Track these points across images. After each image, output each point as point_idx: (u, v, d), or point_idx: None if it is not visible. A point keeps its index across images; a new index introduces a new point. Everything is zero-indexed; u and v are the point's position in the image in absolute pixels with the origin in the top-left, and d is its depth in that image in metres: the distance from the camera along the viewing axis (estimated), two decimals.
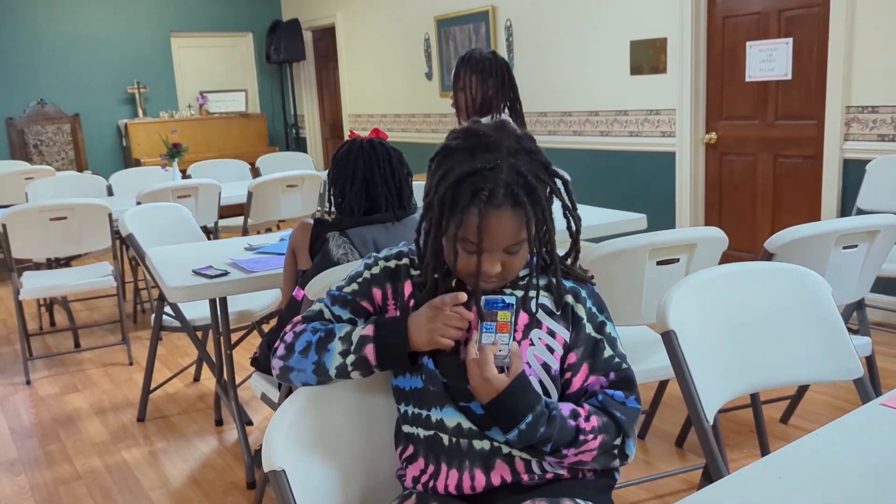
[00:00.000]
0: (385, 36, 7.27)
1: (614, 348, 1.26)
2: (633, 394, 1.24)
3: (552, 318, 1.24)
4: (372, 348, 1.20)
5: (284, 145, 8.97)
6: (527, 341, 1.22)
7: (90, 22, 7.80)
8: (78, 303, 5.05)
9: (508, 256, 1.19)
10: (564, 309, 1.25)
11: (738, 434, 2.79)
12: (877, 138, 3.75)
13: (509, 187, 1.14)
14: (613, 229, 2.94)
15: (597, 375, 1.24)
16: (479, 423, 1.21)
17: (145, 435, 3.07)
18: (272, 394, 2.23)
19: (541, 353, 1.22)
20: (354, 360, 1.21)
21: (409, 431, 1.26)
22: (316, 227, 2.05)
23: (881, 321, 3.86)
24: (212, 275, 2.37)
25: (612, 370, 1.24)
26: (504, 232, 1.16)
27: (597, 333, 1.25)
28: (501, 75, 2.86)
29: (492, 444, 1.20)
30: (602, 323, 1.26)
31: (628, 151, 5.03)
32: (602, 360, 1.24)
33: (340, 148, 2.05)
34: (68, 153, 7.75)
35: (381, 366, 1.22)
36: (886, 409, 1.20)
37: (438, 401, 1.22)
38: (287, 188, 4.56)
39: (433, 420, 1.22)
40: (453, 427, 1.21)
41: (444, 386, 1.22)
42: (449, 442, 1.22)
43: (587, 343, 1.24)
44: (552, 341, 1.23)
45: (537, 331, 1.23)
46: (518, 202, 1.15)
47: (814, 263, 2.04)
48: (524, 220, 1.16)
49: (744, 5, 4.29)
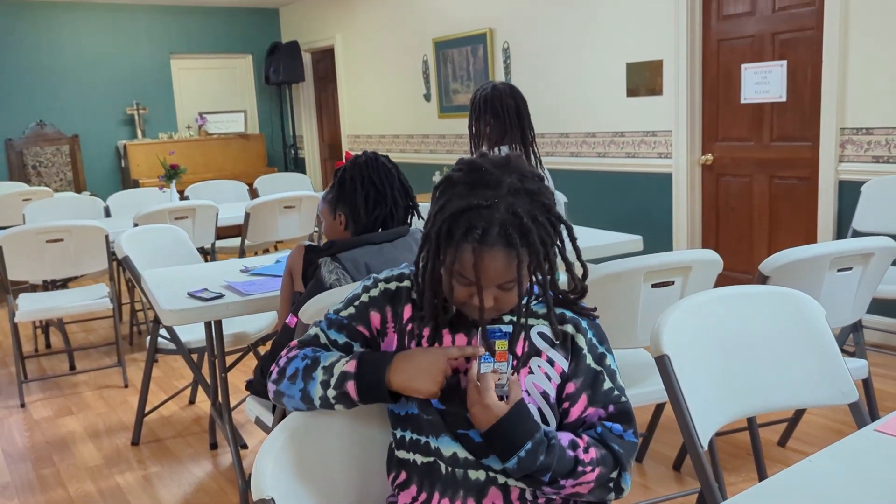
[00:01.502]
0: (383, 58, 7.32)
1: (614, 381, 1.26)
2: (632, 427, 1.24)
3: (553, 347, 1.24)
4: (353, 385, 1.20)
5: (283, 166, 9.00)
6: (525, 369, 1.22)
7: (90, 43, 7.86)
8: (74, 324, 5.04)
9: (502, 292, 1.19)
10: (564, 338, 1.24)
11: (736, 457, 2.77)
12: (871, 160, 3.76)
13: (503, 227, 1.13)
14: (610, 251, 2.95)
15: (596, 407, 1.23)
16: (476, 451, 1.20)
17: (139, 459, 3.05)
18: (266, 417, 2.22)
19: (540, 381, 1.22)
20: (336, 395, 1.21)
21: (403, 457, 1.25)
22: (308, 254, 2.04)
23: (879, 343, 3.85)
24: (206, 297, 2.37)
25: (612, 403, 1.24)
26: (496, 270, 1.15)
27: (597, 365, 1.25)
28: (517, 112, 2.86)
29: (487, 473, 1.19)
30: (602, 354, 1.26)
31: (625, 172, 5.05)
32: (602, 392, 1.24)
33: (341, 167, 2.07)
34: (67, 174, 7.77)
35: (365, 401, 1.22)
36: (880, 435, 1.19)
37: (434, 429, 1.21)
38: (284, 209, 4.56)
39: (432, 447, 1.22)
40: (450, 456, 1.20)
41: (441, 414, 1.21)
42: (446, 470, 1.21)
43: (587, 374, 1.24)
44: (550, 370, 1.23)
45: (536, 359, 1.23)
46: (511, 243, 1.14)
47: (809, 286, 2.04)
48: (516, 261, 1.15)
49: (738, 28, 4.32)
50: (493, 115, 2.78)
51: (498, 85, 2.86)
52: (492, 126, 2.79)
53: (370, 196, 2.01)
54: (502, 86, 2.86)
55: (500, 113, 2.77)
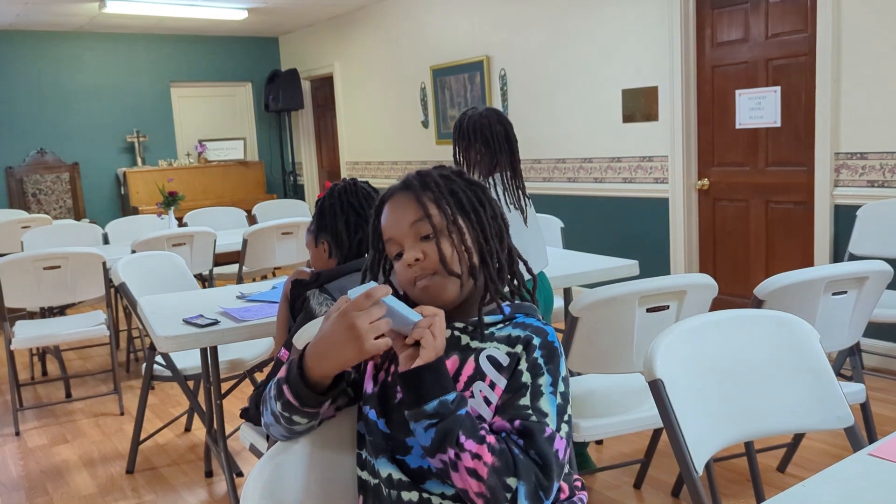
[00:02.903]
0: (382, 85, 7.38)
1: (535, 400, 1.15)
2: (533, 449, 1.12)
3: (499, 370, 1.19)
4: (287, 388, 1.17)
5: (282, 193, 9.03)
6: (468, 393, 1.18)
7: (90, 72, 7.92)
8: (71, 352, 5.02)
9: (425, 244, 1.21)
10: (511, 359, 1.19)
11: (736, 483, 2.75)
12: (866, 184, 3.78)
13: (402, 182, 1.26)
14: (606, 276, 2.95)
15: (503, 419, 1.15)
16: (412, 475, 1.18)
17: (133, 487, 3.02)
18: (261, 445, 2.21)
19: (478, 405, 1.18)
20: (282, 404, 1.18)
21: (362, 477, 1.24)
22: (295, 288, 2.02)
23: (877, 367, 3.83)
24: (202, 324, 2.36)
25: (520, 418, 1.14)
26: (403, 213, 1.23)
27: (528, 380, 1.17)
28: (507, 136, 2.79)
29: (420, 495, 1.17)
30: (540, 373, 1.17)
31: (622, 197, 5.06)
32: (515, 405, 1.16)
33: (321, 198, 2.08)
34: (66, 202, 7.80)
35: (303, 402, 1.17)
36: (874, 459, 1.18)
37: (374, 450, 1.21)
38: (282, 235, 4.57)
39: (376, 469, 1.21)
40: (385, 477, 1.19)
41: (386, 436, 1.20)
42: (385, 493, 1.19)
43: (514, 387, 1.17)
44: (491, 393, 1.18)
45: (479, 383, 1.19)
46: (408, 186, 1.25)
47: (804, 310, 2.04)
48: (416, 199, 1.23)
49: (732, 55, 4.37)
50: (482, 142, 2.73)
51: (482, 111, 2.78)
52: (482, 154, 2.73)
53: (350, 220, 2.03)
54: (487, 111, 2.78)
55: (490, 140, 2.72)
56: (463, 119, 2.75)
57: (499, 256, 1.27)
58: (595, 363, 2.18)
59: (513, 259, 1.30)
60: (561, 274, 2.86)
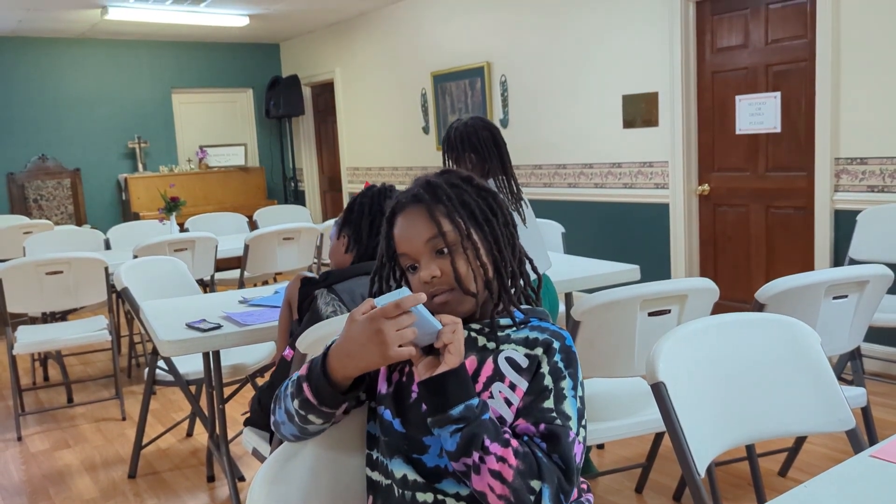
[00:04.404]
0: (383, 91, 7.40)
1: (558, 403, 1.16)
2: (557, 453, 1.13)
3: (518, 372, 1.20)
4: (307, 386, 1.18)
5: (283, 198, 9.04)
6: (486, 393, 1.19)
7: (92, 78, 7.95)
8: (73, 357, 5.03)
9: (441, 260, 1.21)
10: (532, 361, 1.20)
11: (738, 487, 2.75)
12: (866, 189, 3.79)
13: (413, 194, 1.24)
14: (607, 280, 2.95)
15: (527, 421, 1.16)
16: (428, 475, 1.18)
17: (136, 492, 3.02)
18: (263, 449, 2.21)
19: (498, 406, 1.18)
20: (300, 402, 1.18)
21: (373, 478, 1.25)
22: (303, 286, 2.05)
23: (878, 371, 3.84)
24: (205, 328, 2.37)
25: (544, 422, 1.15)
26: (416, 228, 1.22)
27: (550, 384, 1.18)
28: (495, 141, 2.80)
29: (435, 496, 1.18)
30: (562, 377, 1.19)
31: (622, 203, 5.08)
32: (539, 408, 1.16)
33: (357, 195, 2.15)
34: (68, 207, 7.81)
35: (322, 402, 1.18)
36: (875, 461, 1.19)
37: (389, 451, 1.21)
38: (284, 241, 4.58)
39: (389, 469, 1.21)
40: (400, 478, 1.19)
41: (402, 436, 1.20)
42: (398, 493, 1.20)
43: (536, 390, 1.18)
44: (511, 394, 1.18)
45: (499, 384, 1.19)
46: (420, 199, 1.23)
47: (805, 314, 2.04)
48: (429, 214, 1.22)
49: (732, 61, 4.38)
50: (472, 150, 2.75)
51: (467, 121, 2.77)
52: (474, 162, 2.75)
53: (374, 223, 2.06)
54: (472, 120, 2.77)
55: (479, 146, 2.74)
56: (450, 131, 2.79)
57: (511, 265, 1.27)
58: (596, 367, 2.18)
59: (522, 261, 1.31)
60: (562, 279, 2.87)
